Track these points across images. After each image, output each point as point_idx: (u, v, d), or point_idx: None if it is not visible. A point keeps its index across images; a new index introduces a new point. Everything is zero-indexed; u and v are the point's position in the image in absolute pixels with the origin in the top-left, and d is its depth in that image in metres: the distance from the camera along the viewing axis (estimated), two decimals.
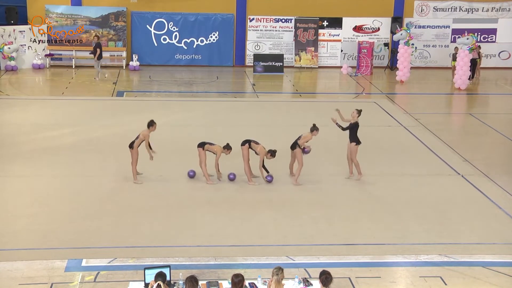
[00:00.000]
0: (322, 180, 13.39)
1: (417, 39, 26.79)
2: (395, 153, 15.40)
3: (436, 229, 11.14)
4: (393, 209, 11.93)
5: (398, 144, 16.19)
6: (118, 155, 14.51)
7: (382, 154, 15.22)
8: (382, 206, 12.07)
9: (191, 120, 17.76)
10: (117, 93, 21.32)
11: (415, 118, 18.70)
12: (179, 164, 14.13)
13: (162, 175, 13.39)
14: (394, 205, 12.12)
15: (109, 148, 15.09)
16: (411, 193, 12.81)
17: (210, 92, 22.18)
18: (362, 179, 13.38)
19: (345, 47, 26.96)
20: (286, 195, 12.50)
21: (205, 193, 12.46)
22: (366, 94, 22.67)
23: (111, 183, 12.87)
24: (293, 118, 18.30)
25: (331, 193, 12.70)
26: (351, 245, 10.47)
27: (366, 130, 14.67)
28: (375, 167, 14.21)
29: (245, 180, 13.15)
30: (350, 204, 12.19)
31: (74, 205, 11.78)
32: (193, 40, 26.34)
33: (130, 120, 17.60)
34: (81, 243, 10.20)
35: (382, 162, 14.62)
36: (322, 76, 25.94)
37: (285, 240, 10.57)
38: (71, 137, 15.89)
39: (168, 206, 11.82)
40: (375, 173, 13.83)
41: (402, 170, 14.15)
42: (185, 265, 9.61)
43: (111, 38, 25.61)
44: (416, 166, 14.48)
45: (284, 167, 13.99)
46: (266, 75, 25.30)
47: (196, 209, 11.70)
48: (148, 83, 23.37)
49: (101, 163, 14.10)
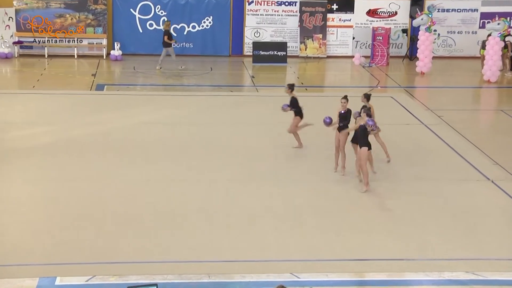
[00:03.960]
0: (330, 184, 13.42)
1: (440, 24, 26.81)
2: (414, 155, 15.41)
3: (462, 242, 11.15)
4: (412, 219, 11.96)
5: (418, 145, 16.20)
6: (99, 157, 14.54)
7: (399, 156, 15.22)
8: (399, 215, 12.09)
9: (181, 118, 17.78)
10: (97, 87, 21.30)
11: (437, 115, 18.71)
12: (167, 167, 14.15)
13: (150, 180, 13.43)
14: (413, 214, 12.14)
15: (88, 149, 15.10)
16: (432, 200, 12.83)
17: (203, 86, 22.16)
18: (376, 185, 13.41)
19: (357, 34, 26.96)
20: (289, 202, 12.53)
21: (197, 199, 12.49)
22: (381, 87, 22.64)
23: (91, 189, 12.89)
24: None
25: (341, 200, 12.73)
26: (364, 260, 10.48)
27: (382, 129, 14.68)
28: (391, 171, 14.23)
29: (242, 183, 13.19)
30: (363, 212, 12.20)
31: (48, 214, 11.81)
32: (183, 26, 26.33)
33: (112, 117, 17.62)
34: (55, 258, 10.22)
35: (399, 165, 14.62)
36: (331, 67, 25.93)
37: (289, 254, 10.59)
38: (44, 137, 15.92)
39: (156, 214, 11.84)
40: (391, 178, 13.85)
41: (422, 175, 14.17)
42: (174, 283, 9.63)
43: (90, 23, 25.61)
44: (439, 169, 14.49)
45: (285, 169, 14.01)
46: (267, 66, 25.30)
47: (187, 218, 11.72)
48: (132, 75, 23.36)
49: (79, 166, 14.11)
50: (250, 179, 13.68)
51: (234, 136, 16.21)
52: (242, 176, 13.78)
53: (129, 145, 15.49)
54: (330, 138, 14.88)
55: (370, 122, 12.79)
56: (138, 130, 16.51)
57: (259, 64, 25.51)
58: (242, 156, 15.07)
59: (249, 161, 14.75)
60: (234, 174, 13.89)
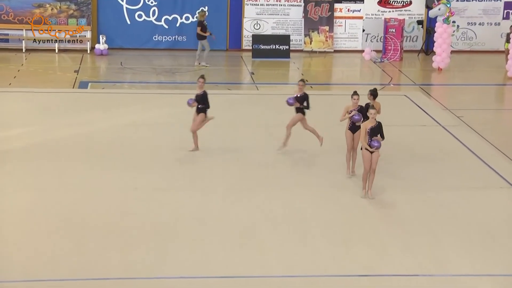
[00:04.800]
0: (336, 192, 13.39)
1: (460, 15, 26.80)
2: (431, 160, 15.38)
3: (484, 256, 11.12)
4: (428, 230, 11.92)
5: (435, 148, 16.18)
6: (80, 163, 14.50)
7: (414, 161, 15.20)
8: (415, 227, 12.06)
9: (174, 119, 17.74)
10: (80, 84, 21.29)
11: (456, 116, 18.69)
12: (157, 173, 14.12)
13: (137, 188, 13.38)
14: (430, 225, 12.11)
15: (68, 154, 15.07)
16: (451, 210, 12.80)
17: None
18: (388, 193, 13.37)
19: (368, 26, 26.95)
20: (292, 212, 12.50)
21: (190, 210, 12.46)
22: (394, 85, 22.63)
23: (71, 198, 12.84)
24: None
25: (349, 209, 12.70)
26: (376, 276, 10.45)
27: (394, 131, 14.67)
28: (406, 178, 14.20)
29: (239, 191, 13.14)
30: (374, 223, 12.18)
31: (23, 226, 11.75)
32: (176, 17, 26.33)
33: (96, 118, 17.60)
34: (30, 275, 10.15)
35: (414, 171, 14.59)
36: (339, 63, 25.91)
37: (292, 270, 10.55)
38: (20, 141, 15.88)
39: (144, 226, 11.80)
40: (406, 185, 13.82)
41: (439, 182, 14.13)
42: None
43: (72, 14, 25.60)
44: (458, 176, 14.47)
45: (288, 175, 13.96)
46: (268, 62, 25.28)
47: (179, 230, 11.68)
48: (119, 71, 23.35)
49: (58, 173, 14.07)
50: (248, 186, 13.64)
51: (231, 139, 16.17)
52: (239, 184, 13.75)
53: (115, 149, 15.46)
54: (334, 141, 14.85)
55: (375, 143, 12.72)
56: (126, 133, 16.49)
57: (259, 59, 25.50)
58: (240, 161, 15.03)
59: (247, 166, 14.72)
60: (231, 181, 13.86)
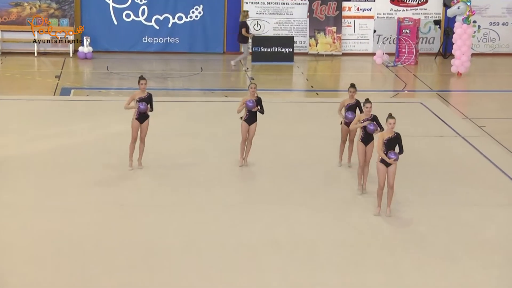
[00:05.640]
0: (346, 210, 13.36)
1: (481, 14, 26.85)
2: (450, 174, 15.37)
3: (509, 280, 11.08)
4: (450, 253, 11.89)
5: (454, 161, 16.17)
6: (62, 178, 14.47)
7: (431, 175, 15.19)
8: (433, 248, 12.02)
9: (165, 129, 17.72)
10: (61, 91, 21.30)
11: (478, 125, 18.70)
12: (146, 188, 14.10)
13: (124, 204, 13.34)
14: (452, 247, 12.08)
15: (49, 168, 15.06)
16: (473, 230, 12.77)
17: (192, 90, 22.16)
18: (405, 211, 13.33)
19: (379, 26, 26.99)
20: (298, 233, 12.45)
21: (183, 229, 12.40)
22: (408, 91, 22.62)
23: (49, 217, 12.77)
24: (307, 125, 18.31)
25: (360, 229, 12.66)
26: None
27: (409, 142, 14.62)
28: (422, 194, 14.18)
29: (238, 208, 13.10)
30: (388, 244, 12.14)
31: None
32: (167, 17, 26.37)
33: (80, 128, 17.59)
34: None
35: (431, 187, 14.58)
36: (348, 67, 25.93)
37: None
38: None
39: (131, 248, 11.74)
40: (422, 202, 13.80)
41: (459, 198, 14.12)
42: None
43: (53, 13, 25.64)
44: (480, 192, 14.45)
45: (291, 192, 13.93)
46: (269, 66, 25.30)
47: (171, 252, 11.63)
48: (105, 76, 23.36)
49: (39, 188, 14.04)
50: (247, 203, 13.62)
51: (227, 151, 16.13)
52: (237, 201, 13.72)
53: (99, 162, 15.43)
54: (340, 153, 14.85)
55: (393, 155, 12.66)
56: (112, 144, 16.45)
57: (259, 63, 25.52)
58: (237, 175, 15.03)
59: (246, 181, 14.74)
60: (228, 198, 13.82)
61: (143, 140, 14.91)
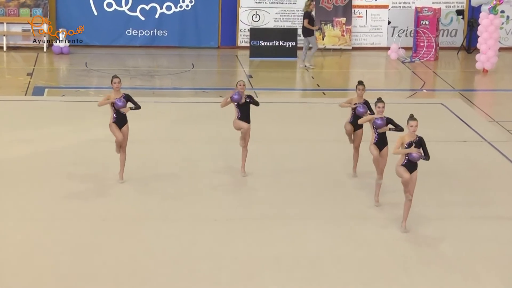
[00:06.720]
0: (356, 224, 13.38)
1: (510, 3, 26.91)
2: (474, 183, 15.41)
3: None
4: (471, 271, 11.90)
5: (479, 169, 16.22)
6: (34, 189, 14.47)
7: (453, 185, 15.24)
8: (454, 267, 12.03)
9: (151, 133, 17.77)
10: (34, 90, 21.35)
11: (506, 129, 18.75)
12: (131, 200, 14.12)
13: (106, 219, 13.36)
14: (473, 265, 12.09)
15: (21, 178, 15.05)
16: (500, 246, 12.76)
17: (182, 89, 22.20)
18: (423, 224, 13.36)
19: (394, 17, 27.06)
20: (301, 248, 12.47)
21: (174, 246, 12.39)
22: (427, 91, 22.66)
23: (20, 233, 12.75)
24: (313, 128, 18.38)
25: (370, 243, 12.68)
26: None
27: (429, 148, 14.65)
28: (442, 205, 14.22)
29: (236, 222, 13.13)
30: (401, 260, 12.14)
31: None
32: (154, 6, 26.43)
33: (54, 132, 17.62)
34: None
35: (453, 197, 14.63)
36: (358, 63, 25.97)
37: None
38: None
39: (115, 269, 11.73)
40: (442, 214, 13.83)
41: (485, 212, 14.13)
42: None
43: (24, 3, 25.69)
44: (508, 205, 14.46)
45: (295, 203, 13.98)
46: (269, 62, 25.34)
47: (160, 273, 11.62)
48: (84, 74, 23.39)
49: (10, 201, 14.02)
50: (243, 215, 13.64)
51: (224, 158, 16.16)
52: (235, 214, 13.73)
53: (77, 171, 15.44)
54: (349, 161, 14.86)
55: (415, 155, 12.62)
56: (91, 151, 16.46)
57: (258, 59, 25.58)
58: (234, 185, 15.08)
59: (244, 192, 14.77)
60: (225, 210, 13.84)
61: (124, 149, 14.71)
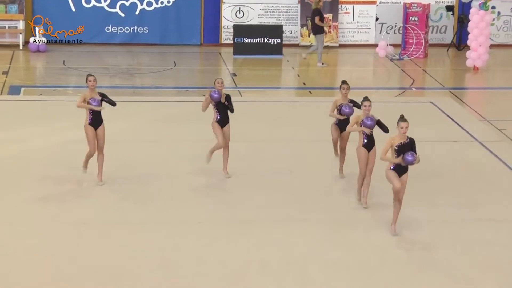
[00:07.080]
0: (345, 227, 13.40)
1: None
2: (465, 185, 15.46)
3: None
4: (464, 275, 11.95)
5: (470, 170, 16.27)
6: (12, 191, 14.47)
7: (444, 186, 15.28)
8: (447, 271, 12.07)
9: (131, 133, 17.76)
10: (10, 89, 21.32)
11: (497, 128, 18.82)
12: (111, 204, 14.12)
13: (87, 223, 13.32)
14: (466, 269, 12.14)
15: None
16: (494, 249, 12.80)
17: (163, 88, 22.20)
18: (412, 226, 13.41)
19: (382, 13, 27.12)
20: (289, 252, 12.48)
21: (158, 251, 12.37)
22: (417, 89, 22.74)
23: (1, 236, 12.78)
24: (298, 129, 18.41)
25: (361, 249, 12.70)
26: None
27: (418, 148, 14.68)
28: (434, 207, 14.25)
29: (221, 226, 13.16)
30: (394, 266, 12.16)
31: None
32: (134, 2, 26.40)
33: (30, 133, 17.61)
34: None
35: (443, 199, 14.66)
36: (346, 61, 26.02)
37: None
38: None
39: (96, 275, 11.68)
40: (433, 217, 13.87)
41: (478, 213, 14.18)
42: None
43: None
44: (501, 206, 14.50)
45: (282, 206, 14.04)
46: (254, 60, 25.35)
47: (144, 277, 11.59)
48: (61, 72, 23.33)
49: None
50: (227, 218, 13.65)
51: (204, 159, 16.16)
52: (221, 217, 13.75)
53: (55, 174, 15.41)
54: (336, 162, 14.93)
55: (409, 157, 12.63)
56: (69, 153, 16.39)
57: (242, 57, 25.59)
58: (218, 187, 15.13)
59: (228, 194, 14.82)
60: (210, 213, 13.85)
61: (101, 151, 14.70)
